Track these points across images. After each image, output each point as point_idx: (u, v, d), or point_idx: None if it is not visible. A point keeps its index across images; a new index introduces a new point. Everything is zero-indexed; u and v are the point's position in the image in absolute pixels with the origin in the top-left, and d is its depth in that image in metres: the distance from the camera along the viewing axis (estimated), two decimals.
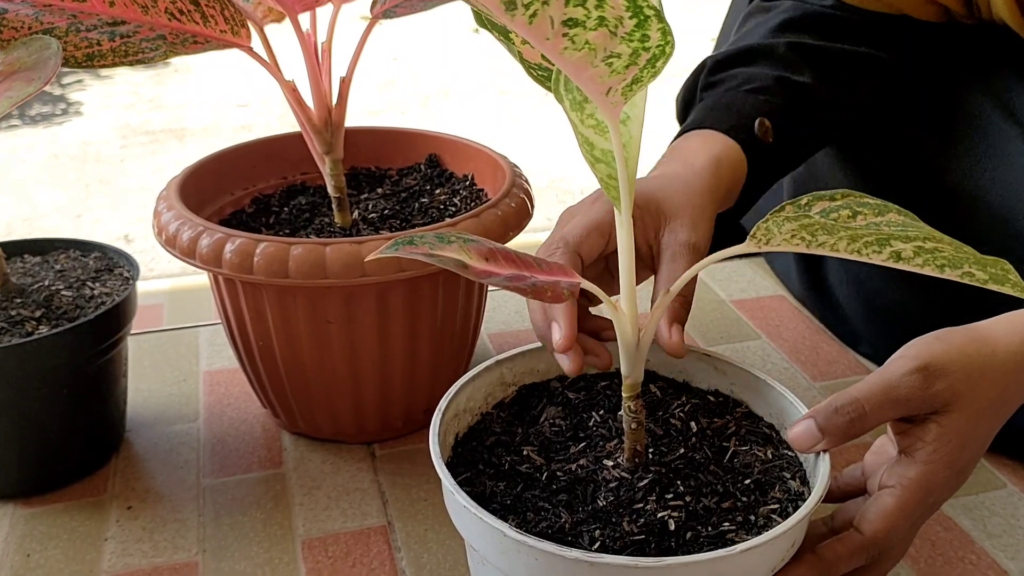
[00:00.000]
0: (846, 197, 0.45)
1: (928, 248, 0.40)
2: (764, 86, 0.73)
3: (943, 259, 0.40)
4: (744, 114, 0.72)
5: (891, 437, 0.52)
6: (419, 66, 3.00)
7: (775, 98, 0.73)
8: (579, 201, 0.62)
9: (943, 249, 0.40)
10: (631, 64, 0.37)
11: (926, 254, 0.40)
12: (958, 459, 0.50)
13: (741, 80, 0.74)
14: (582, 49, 0.37)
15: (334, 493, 0.69)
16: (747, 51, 0.76)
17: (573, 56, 0.37)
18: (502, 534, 0.44)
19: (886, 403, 0.49)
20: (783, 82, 0.74)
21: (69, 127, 2.55)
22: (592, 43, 0.36)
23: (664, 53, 0.37)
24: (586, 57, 0.37)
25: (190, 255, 0.65)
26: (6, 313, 0.66)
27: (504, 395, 0.57)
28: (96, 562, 0.63)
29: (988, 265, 0.40)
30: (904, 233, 0.40)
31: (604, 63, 0.37)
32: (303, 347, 0.68)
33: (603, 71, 0.38)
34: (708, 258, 0.48)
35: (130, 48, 0.58)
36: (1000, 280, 0.39)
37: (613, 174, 0.45)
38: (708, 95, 0.76)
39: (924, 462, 0.49)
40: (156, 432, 0.76)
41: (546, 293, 0.43)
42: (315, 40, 0.67)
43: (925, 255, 0.40)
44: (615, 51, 0.37)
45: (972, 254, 0.40)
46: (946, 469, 0.49)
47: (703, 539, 0.46)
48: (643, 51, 0.37)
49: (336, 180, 0.71)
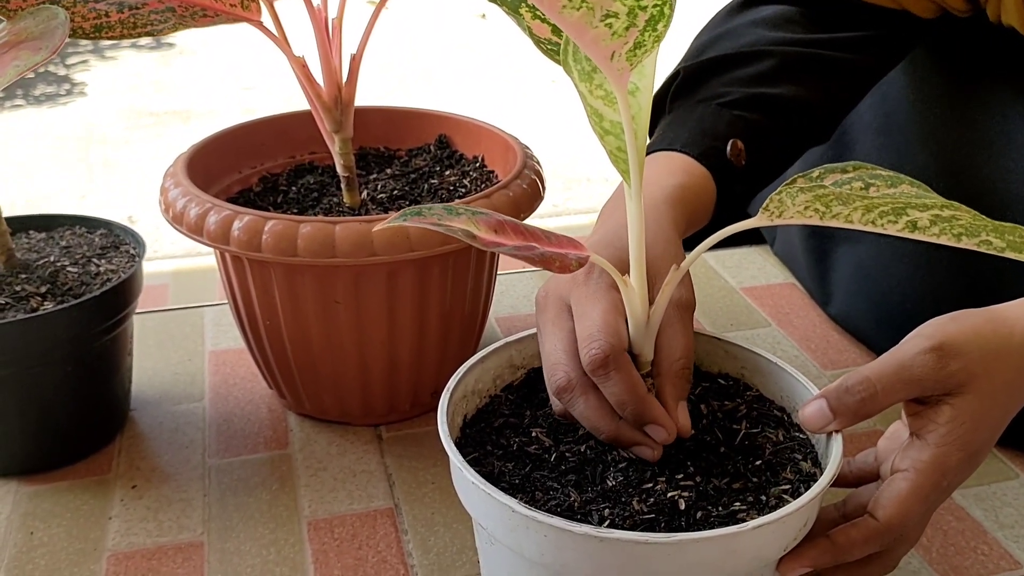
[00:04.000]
0: (858, 169, 0.44)
1: (945, 216, 0.39)
2: (736, 100, 0.70)
3: (960, 227, 0.39)
4: (716, 134, 0.68)
5: (904, 421, 0.51)
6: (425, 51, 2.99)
7: (749, 112, 0.70)
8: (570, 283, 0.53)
9: (960, 217, 0.39)
10: (630, 25, 0.37)
11: (943, 223, 0.39)
12: (972, 442, 0.49)
13: (712, 93, 0.71)
14: (580, 8, 0.37)
15: (340, 475, 0.69)
16: (723, 60, 0.73)
17: (572, 15, 0.37)
18: (511, 510, 0.43)
19: (898, 383, 0.48)
20: (758, 97, 0.71)
21: (73, 108, 2.54)
22: (590, 1, 0.36)
23: (663, 14, 0.37)
24: (585, 17, 0.37)
25: (197, 232, 0.65)
26: (11, 289, 0.65)
27: (513, 378, 0.57)
28: (100, 541, 0.63)
29: (1006, 232, 0.39)
30: (920, 202, 0.40)
31: (603, 23, 0.37)
32: (310, 327, 0.67)
33: (603, 32, 0.38)
34: (718, 233, 0.47)
35: (139, 20, 0.57)
36: (1018, 248, 0.39)
37: (622, 146, 0.44)
38: (678, 107, 0.72)
39: (937, 444, 0.48)
40: (161, 411, 0.76)
41: (554, 263, 0.43)
42: (326, 15, 0.66)
43: (942, 224, 0.39)
44: (612, 10, 0.37)
45: (989, 222, 0.39)
46: (959, 452, 0.49)
47: (714, 518, 0.46)
48: (639, 10, 0.37)
49: (345, 159, 0.71)
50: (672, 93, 0.74)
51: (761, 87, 0.71)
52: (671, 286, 0.48)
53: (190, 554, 0.62)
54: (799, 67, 0.73)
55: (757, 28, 0.76)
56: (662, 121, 0.73)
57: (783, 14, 0.77)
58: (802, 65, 0.73)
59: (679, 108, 0.72)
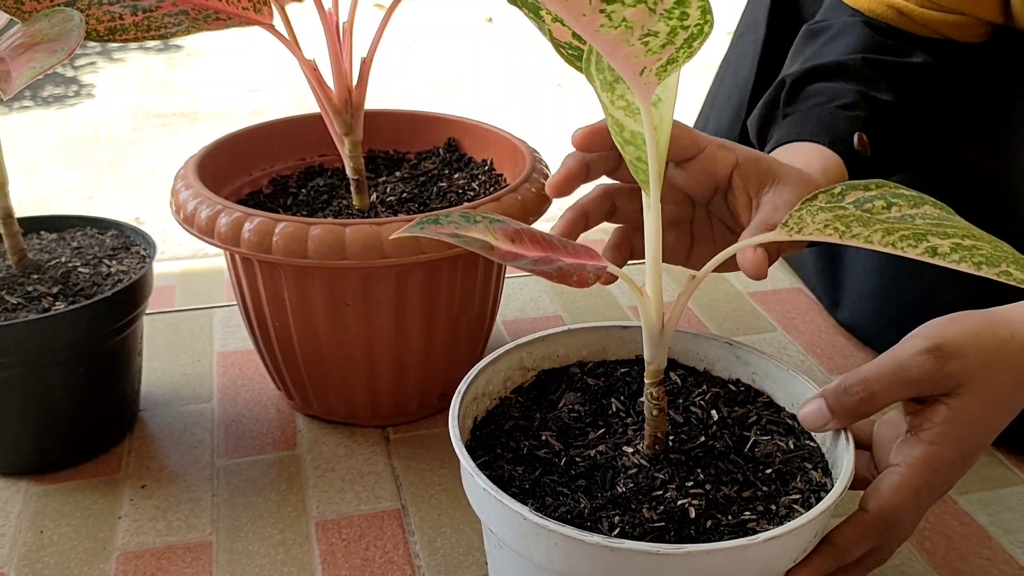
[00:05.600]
0: (880, 188, 0.44)
1: (966, 245, 0.39)
2: (852, 102, 0.72)
3: (980, 256, 0.39)
4: (840, 129, 0.70)
5: (904, 417, 0.52)
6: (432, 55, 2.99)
7: (864, 113, 0.71)
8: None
9: (981, 247, 0.39)
10: (668, 43, 0.37)
11: (963, 251, 0.39)
12: (966, 442, 0.49)
13: (827, 96, 0.73)
14: (619, 27, 0.36)
15: (348, 476, 0.69)
16: (825, 68, 0.75)
17: (609, 34, 0.36)
18: (522, 517, 0.43)
19: (896, 383, 0.49)
20: (867, 98, 0.72)
21: (81, 109, 2.55)
22: (629, 20, 0.36)
23: (703, 32, 0.36)
24: (622, 35, 0.37)
25: (208, 234, 0.65)
26: (23, 289, 0.66)
27: (523, 380, 0.57)
28: (109, 540, 0.63)
29: None
30: (941, 229, 0.39)
31: (640, 42, 0.37)
32: (319, 328, 0.68)
33: (639, 50, 0.37)
34: (735, 245, 0.47)
35: (153, 23, 0.57)
36: None
37: (643, 157, 0.44)
38: (795, 110, 0.74)
39: (931, 442, 0.49)
40: (170, 412, 0.76)
41: (572, 277, 0.43)
42: (337, 19, 0.66)
43: (962, 251, 0.39)
44: (653, 29, 0.36)
45: (1011, 252, 0.39)
46: (953, 451, 0.49)
47: (723, 528, 0.46)
48: (681, 29, 0.36)
49: (355, 162, 0.71)
50: (784, 100, 0.75)
51: (868, 89, 0.73)
52: (687, 295, 0.48)
53: (199, 554, 0.62)
54: (890, 73, 0.75)
55: (840, 41, 0.77)
56: (779, 124, 0.74)
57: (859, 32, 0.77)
58: (892, 71, 0.75)
59: (796, 112, 0.73)
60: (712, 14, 0.36)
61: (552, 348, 0.58)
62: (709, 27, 0.36)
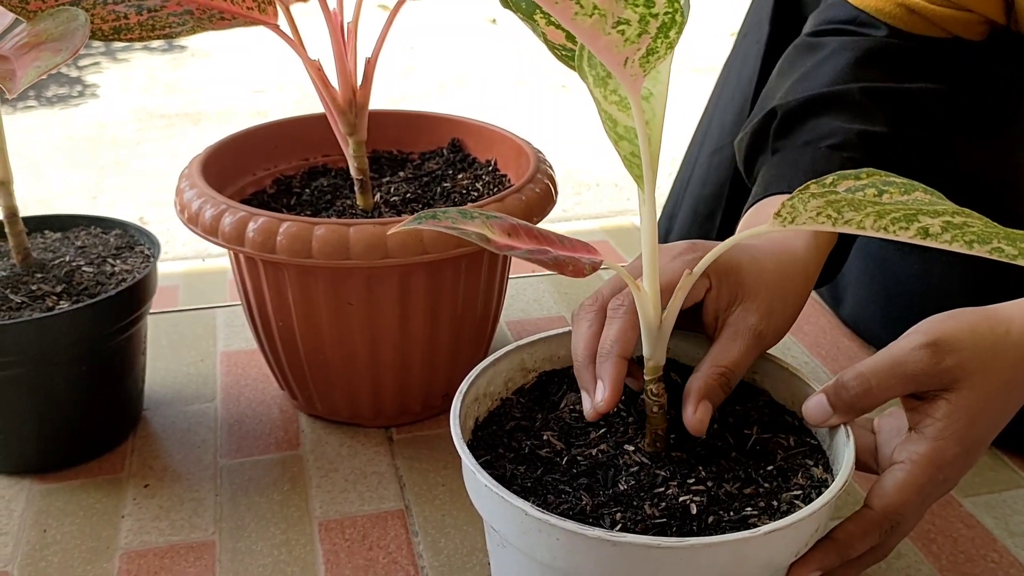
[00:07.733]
0: (872, 176, 0.44)
1: (956, 223, 0.39)
2: (844, 141, 0.70)
3: (972, 234, 0.39)
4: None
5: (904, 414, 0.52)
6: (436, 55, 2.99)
7: (856, 154, 0.70)
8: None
9: (972, 224, 0.39)
10: (643, 32, 0.38)
11: (954, 229, 0.40)
12: (968, 437, 0.49)
13: (820, 134, 0.71)
14: (592, 14, 0.37)
15: (351, 476, 0.69)
16: (819, 99, 0.73)
17: (585, 22, 0.37)
18: (524, 513, 0.44)
19: (893, 379, 0.49)
20: (862, 136, 0.71)
21: (85, 109, 2.55)
22: (600, 7, 0.37)
23: (675, 21, 0.37)
24: (597, 23, 0.37)
25: (212, 233, 0.65)
26: (27, 288, 0.66)
27: (524, 381, 0.57)
28: (112, 539, 0.63)
29: (1018, 240, 0.39)
30: (932, 208, 0.40)
31: (616, 31, 0.37)
32: (323, 328, 0.68)
33: (616, 39, 0.38)
34: (729, 240, 0.47)
35: (157, 22, 0.57)
36: None
37: (636, 151, 0.45)
38: (784, 147, 0.72)
39: (934, 439, 0.49)
40: (174, 411, 0.77)
41: (567, 267, 0.43)
42: (341, 19, 0.67)
43: (953, 230, 0.40)
44: (623, 17, 0.37)
45: (1001, 229, 0.39)
46: (956, 446, 0.49)
47: (725, 523, 0.46)
48: (651, 17, 0.37)
49: (359, 162, 0.71)
50: (774, 133, 0.73)
51: (863, 125, 0.71)
52: (684, 290, 0.48)
53: (202, 553, 0.62)
54: (888, 101, 0.73)
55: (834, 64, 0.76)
56: (769, 160, 0.73)
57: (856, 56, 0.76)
58: (890, 99, 0.73)
59: (786, 150, 0.72)
60: (680, 2, 0.36)
61: (553, 349, 0.58)
62: (680, 15, 0.37)
